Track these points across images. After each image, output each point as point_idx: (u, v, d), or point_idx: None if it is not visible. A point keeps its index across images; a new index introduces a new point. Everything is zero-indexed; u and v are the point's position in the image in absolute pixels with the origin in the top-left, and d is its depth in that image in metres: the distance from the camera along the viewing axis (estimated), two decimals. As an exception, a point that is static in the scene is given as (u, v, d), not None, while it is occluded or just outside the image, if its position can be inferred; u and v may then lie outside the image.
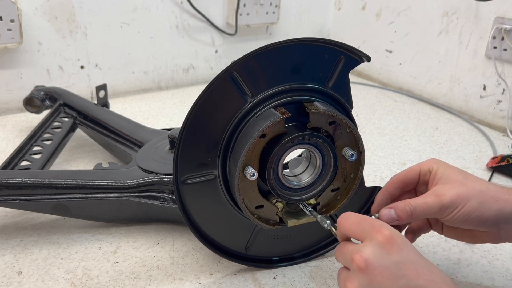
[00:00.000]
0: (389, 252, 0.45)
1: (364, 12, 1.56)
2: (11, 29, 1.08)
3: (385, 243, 0.46)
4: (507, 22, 1.13)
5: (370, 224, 0.48)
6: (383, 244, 0.46)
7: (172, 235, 0.73)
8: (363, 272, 0.45)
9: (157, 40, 1.35)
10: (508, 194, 0.53)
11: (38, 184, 0.67)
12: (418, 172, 0.58)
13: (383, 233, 0.46)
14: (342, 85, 0.60)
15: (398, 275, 0.44)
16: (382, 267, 0.44)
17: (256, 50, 0.54)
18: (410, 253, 0.46)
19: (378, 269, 0.44)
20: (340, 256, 0.50)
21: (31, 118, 1.15)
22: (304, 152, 0.64)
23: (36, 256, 0.68)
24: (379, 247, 0.46)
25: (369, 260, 0.45)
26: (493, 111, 1.22)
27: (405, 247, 0.46)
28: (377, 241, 0.46)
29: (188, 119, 0.55)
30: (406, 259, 0.45)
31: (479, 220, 0.53)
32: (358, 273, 0.46)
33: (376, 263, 0.45)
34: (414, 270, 0.44)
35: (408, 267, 0.45)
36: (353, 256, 0.46)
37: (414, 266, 0.45)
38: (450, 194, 0.53)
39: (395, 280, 0.44)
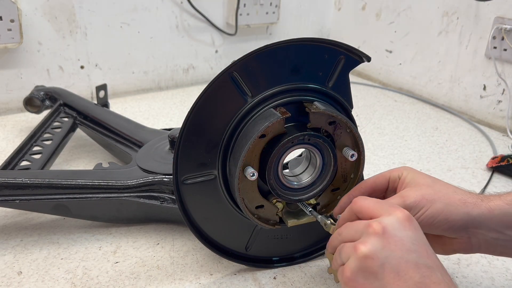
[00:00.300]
0: (406, 228, 0.46)
1: (364, 12, 1.56)
2: (11, 29, 1.08)
3: (404, 220, 0.47)
4: (507, 22, 1.13)
5: (389, 204, 0.50)
6: (401, 220, 0.47)
7: (172, 235, 0.73)
8: (378, 236, 0.46)
9: (157, 40, 1.35)
10: (476, 198, 0.53)
11: (38, 184, 0.67)
12: (388, 178, 0.58)
13: (403, 211, 0.47)
14: (342, 85, 0.60)
15: (411, 249, 0.45)
16: (397, 237, 0.45)
17: (256, 50, 0.54)
18: (423, 236, 0.47)
19: (393, 238, 0.45)
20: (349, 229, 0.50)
21: (31, 118, 1.15)
22: (304, 152, 0.64)
23: (36, 256, 0.68)
24: (398, 221, 0.46)
25: (387, 228, 0.46)
26: (493, 111, 1.22)
27: (419, 229, 0.47)
28: (396, 216, 0.47)
29: (188, 119, 0.55)
30: (420, 238, 0.46)
31: (446, 223, 0.52)
32: (373, 236, 0.46)
33: (393, 232, 0.45)
34: (425, 250, 0.45)
35: (421, 246, 0.46)
36: (371, 223, 0.47)
37: (425, 248, 0.46)
38: (415, 195, 0.53)
39: (407, 252, 0.45)
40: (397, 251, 0.45)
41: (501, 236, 0.52)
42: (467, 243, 0.54)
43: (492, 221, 0.52)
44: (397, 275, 0.44)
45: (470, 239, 0.53)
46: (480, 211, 0.52)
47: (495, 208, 0.52)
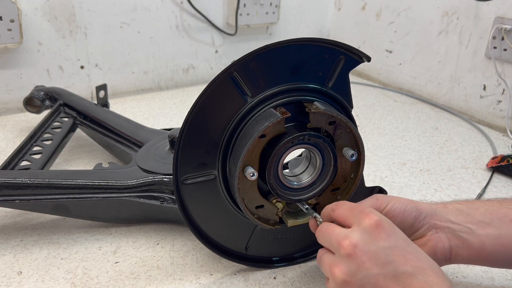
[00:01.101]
0: (377, 238, 0.46)
1: (364, 12, 1.56)
2: (11, 29, 1.08)
3: (373, 229, 0.46)
4: (507, 22, 1.13)
5: (360, 210, 0.49)
6: (371, 230, 0.46)
7: (172, 235, 0.73)
8: (351, 257, 0.45)
9: (157, 40, 1.35)
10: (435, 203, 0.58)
11: (38, 184, 0.67)
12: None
13: (371, 219, 0.47)
14: (342, 85, 0.60)
15: (386, 261, 0.44)
16: (370, 253, 0.45)
17: (256, 50, 0.54)
18: (398, 239, 0.47)
19: (366, 254, 0.45)
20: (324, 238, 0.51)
21: (31, 118, 1.14)
22: (304, 152, 0.64)
23: (36, 256, 0.68)
24: (367, 233, 0.46)
25: (358, 246, 0.45)
26: (493, 111, 1.22)
27: (393, 233, 0.47)
28: (365, 226, 0.47)
29: (188, 119, 0.55)
30: (394, 245, 0.46)
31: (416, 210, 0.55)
32: (345, 259, 0.46)
33: (364, 249, 0.45)
34: (401, 256, 0.45)
35: (396, 253, 0.45)
36: (341, 241, 0.47)
37: (402, 252, 0.45)
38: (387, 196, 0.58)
39: (383, 266, 0.44)
40: (372, 268, 0.44)
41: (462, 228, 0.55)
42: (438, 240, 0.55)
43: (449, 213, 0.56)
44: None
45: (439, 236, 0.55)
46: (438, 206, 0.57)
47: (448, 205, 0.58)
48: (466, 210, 0.56)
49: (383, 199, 0.56)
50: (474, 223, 0.54)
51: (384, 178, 0.94)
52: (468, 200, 0.60)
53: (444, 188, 0.91)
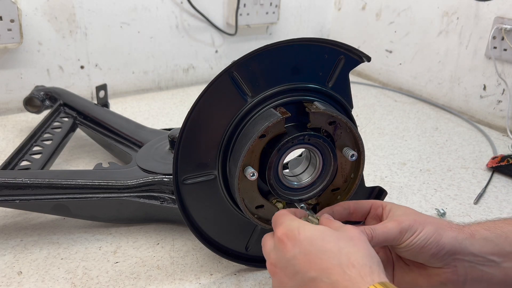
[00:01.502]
0: (283, 251, 0.47)
1: (364, 12, 1.56)
2: (11, 29, 1.08)
3: (279, 243, 0.48)
4: (507, 22, 1.13)
5: (275, 219, 0.51)
6: (278, 245, 0.48)
7: (172, 235, 0.73)
8: (273, 275, 0.48)
9: (157, 40, 1.35)
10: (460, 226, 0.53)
11: (38, 184, 0.67)
12: (371, 204, 0.58)
13: (276, 234, 0.49)
14: (342, 85, 0.60)
15: (294, 272, 0.45)
16: (281, 268, 0.47)
17: (256, 50, 0.54)
18: (302, 245, 0.46)
19: (281, 270, 0.47)
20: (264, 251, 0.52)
21: (31, 118, 1.15)
22: (304, 152, 0.63)
23: (36, 256, 0.68)
24: (276, 249, 0.48)
25: (276, 263, 0.48)
26: (493, 111, 1.22)
27: (297, 240, 0.46)
28: (276, 239, 0.49)
29: (188, 119, 0.55)
30: (299, 252, 0.45)
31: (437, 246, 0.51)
32: (272, 277, 0.48)
33: (279, 264, 0.47)
34: (306, 263, 0.45)
35: (301, 261, 0.45)
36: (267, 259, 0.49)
37: (306, 258, 0.45)
38: (409, 219, 0.52)
39: (293, 277, 0.45)
40: (288, 282, 0.46)
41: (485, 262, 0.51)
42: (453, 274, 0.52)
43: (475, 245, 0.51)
44: None
45: (457, 269, 0.52)
46: (464, 236, 0.51)
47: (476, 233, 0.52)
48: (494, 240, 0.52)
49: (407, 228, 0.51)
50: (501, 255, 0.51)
51: (384, 178, 0.94)
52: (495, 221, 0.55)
53: (444, 188, 0.91)
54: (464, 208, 0.84)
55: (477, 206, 0.85)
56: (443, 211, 0.81)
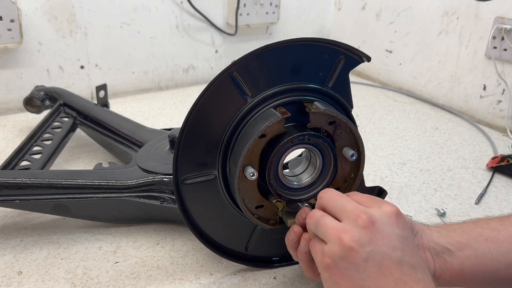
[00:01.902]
0: (394, 225, 0.47)
1: (364, 12, 1.56)
2: (11, 29, 1.08)
3: (393, 215, 0.47)
4: (507, 22, 1.13)
5: (380, 199, 0.50)
6: (391, 215, 0.47)
7: (172, 235, 0.73)
8: (366, 229, 0.45)
9: (157, 40, 1.35)
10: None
11: (38, 184, 0.67)
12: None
13: (393, 206, 0.48)
14: (342, 85, 0.60)
15: (397, 247, 0.45)
16: (385, 233, 0.46)
17: (256, 50, 0.54)
18: (410, 235, 0.48)
19: (381, 233, 0.45)
20: (336, 202, 0.49)
21: (31, 118, 1.15)
22: (304, 152, 0.63)
23: (36, 256, 0.68)
24: (387, 217, 0.47)
25: (376, 222, 0.46)
26: (493, 111, 1.22)
27: (408, 227, 0.49)
28: (386, 211, 0.48)
29: (188, 119, 0.55)
30: (407, 237, 0.47)
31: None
32: (360, 229, 0.45)
33: (381, 228, 0.46)
34: (410, 250, 0.46)
35: (407, 245, 0.46)
36: (360, 213, 0.46)
37: (411, 247, 0.46)
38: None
39: (393, 249, 0.45)
40: (383, 247, 0.45)
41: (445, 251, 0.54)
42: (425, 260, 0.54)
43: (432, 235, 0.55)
44: (379, 270, 0.44)
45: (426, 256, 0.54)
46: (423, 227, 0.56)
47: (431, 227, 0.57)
48: (444, 232, 0.56)
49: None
50: (452, 244, 0.54)
51: (384, 178, 0.94)
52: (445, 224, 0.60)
53: (444, 188, 0.91)
54: (464, 208, 0.84)
55: (477, 206, 0.85)
56: (443, 211, 0.81)
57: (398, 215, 0.48)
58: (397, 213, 0.48)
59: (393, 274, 0.43)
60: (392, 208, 0.48)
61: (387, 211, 0.47)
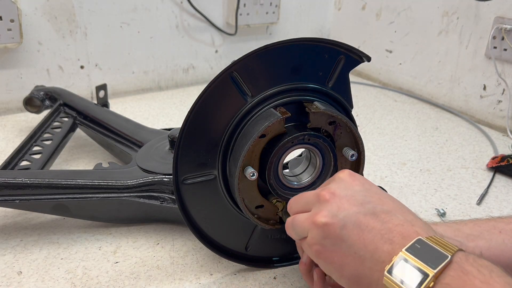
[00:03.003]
0: (352, 184, 0.48)
1: (364, 12, 1.56)
2: (11, 29, 1.08)
3: (348, 177, 0.49)
4: (507, 22, 1.13)
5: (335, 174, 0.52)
6: (345, 178, 0.49)
7: (172, 235, 0.73)
8: (330, 202, 0.47)
9: (157, 40, 1.35)
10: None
11: (38, 184, 0.67)
12: None
13: (343, 171, 0.50)
14: (342, 85, 0.60)
15: (364, 201, 0.46)
16: (348, 195, 0.47)
17: (256, 50, 0.54)
18: (372, 187, 0.49)
19: (345, 197, 0.47)
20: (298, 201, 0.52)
21: (31, 118, 1.14)
22: (304, 152, 0.64)
23: (36, 256, 0.68)
24: (343, 181, 0.49)
25: (336, 191, 0.48)
26: (493, 111, 1.22)
27: (366, 182, 0.50)
28: (339, 177, 0.50)
29: (188, 119, 0.55)
30: (369, 189, 0.48)
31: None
32: (325, 204, 0.47)
33: (342, 193, 0.47)
34: (378, 199, 0.47)
35: (372, 196, 0.47)
36: (319, 192, 0.48)
37: (378, 196, 0.47)
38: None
39: (361, 205, 0.46)
40: (351, 207, 0.46)
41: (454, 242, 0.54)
42: None
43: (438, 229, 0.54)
44: (360, 230, 0.44)
45: None
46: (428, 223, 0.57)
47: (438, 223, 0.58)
48: (454, 226, 0.56)
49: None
50: (463, 237, 0.54)
51: (384, 178, 0.94)
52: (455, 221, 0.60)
53: (444, 188, 0.91)
54: (464, 208, 0.84)
55: (477, 206, 0.85)
56: (443, 211, 0.81)
57: (351, 174, 0.50)
58: (349, 173, 0.50)
59: (374, 227, 0.44)
60: (344, 172, 0.50)
61: (340, 177, 0.49)
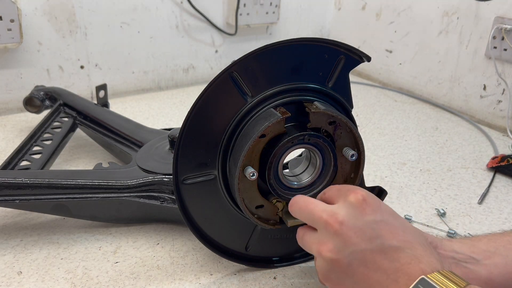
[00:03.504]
0: (363, 213, 0.45)
1: (364, 12, 1.56)
2: (11, 29, 1.08)
3: (359, 204, 0.46)
4: (507, 22, 1.13)
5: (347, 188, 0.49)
6: (357, 205, 0.46)
7: (172, 235, 0.73)
8: (337, 234, 0.45)
9: (157, 40, 1.35)
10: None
11: (38, 184, 0.67)
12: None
13: (357, 193, 0.47)
14: (342, 85, 0.60)
15: (373, 236, 0.44)
16: (357, 228, 0.45)
17: (256, 50, 0.54)
18: (384, 214, 0.46)
19: (353, 230, 0.44)
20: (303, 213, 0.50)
21: (31, 118, 1.14)
22: (304, 152, 0.63)
23: (36, 256, 0.68)
24: (353, 208, 0.46)
25: (344, 221, 0.45)
26: (493, 111, 1.22)
27: (378, 208, 0.47)
28: (351, 201, 0.46)
29: (188, 119, 0.55)
30: (381, 219, 0.45)
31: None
32: (332, 236, 0.45)
33: (351, 224, 0.45)
34: (388, 231, 0.45)
35: (383, 228, 0.45)
36: (328, 219, 0.46)
37: (389, 227, 0.45)
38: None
39: (370, 241, 0.44)
40: (360, 243, 0.44)
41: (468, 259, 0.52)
42: None
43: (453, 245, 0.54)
44: (366, 268, 0.43)
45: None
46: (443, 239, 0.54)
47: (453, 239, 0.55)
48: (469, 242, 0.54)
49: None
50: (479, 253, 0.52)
51: (384, 178, 0.94)
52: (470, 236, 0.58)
53: (444, 188, 0.91)
54: (464, 208, 0.84)
55: (477, 206, 0.85)
56: (443, 211, 0.81)
57: (364, 201, 0.46)
58: (363, 199, 0.46)
59: (381, 265, 0.42)
60: (357, 195, 0.47)
61: (352, 202, 0.46)
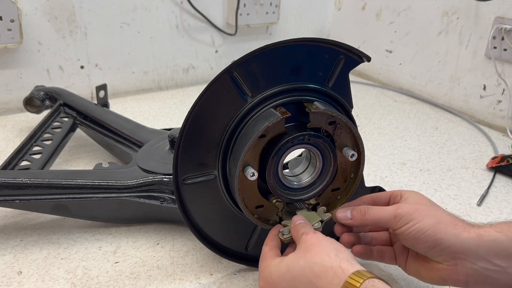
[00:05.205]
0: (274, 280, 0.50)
1: (364, 12, 1.56)
2: (11, 29, 1.08)
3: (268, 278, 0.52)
4: (507, 22, 1.13)
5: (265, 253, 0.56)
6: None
7: (172, 235, 0.73)
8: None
9: (157, 40, 1.35)
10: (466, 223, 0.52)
11: (38, 184, 0.67)
12: (389, 195, 0.59)
13: (259, 285, 0.53)
14: (342, 85, 0.60)
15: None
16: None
17: (256, 50, 0.54)
18: (277, 286, 0.50)
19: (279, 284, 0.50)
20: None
21: (31, 118, 1.15)
22: (304, 152, 0.63)
23: (36, 256, 0.68)
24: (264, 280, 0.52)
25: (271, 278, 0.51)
26: (493, 111, 1.22)
27: (272, 285, 0.51)
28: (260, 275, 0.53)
29: (188, 119, 0.55)
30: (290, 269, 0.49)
31: (433, 240, 0.51)
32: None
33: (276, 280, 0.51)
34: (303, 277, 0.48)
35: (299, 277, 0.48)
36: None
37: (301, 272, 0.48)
38: (410, 207, 0.53)
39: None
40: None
41: (490, 266, 0.50)
42: (453, 272, 0.51)
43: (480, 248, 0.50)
44: None
45: (457, 268, 0.51)
46: (469, 236, 0.50)
47: (485, 234, 0.50)
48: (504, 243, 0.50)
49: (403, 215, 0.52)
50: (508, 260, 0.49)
51: (384, 178, 0.94)
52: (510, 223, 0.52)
53: (444, 188, 0.91)
54: (464, 208, 0.84)
55: (477, 206, 0.85)
56: (443, 211, 0.81)
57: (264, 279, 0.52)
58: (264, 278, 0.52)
59: None
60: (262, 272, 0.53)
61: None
